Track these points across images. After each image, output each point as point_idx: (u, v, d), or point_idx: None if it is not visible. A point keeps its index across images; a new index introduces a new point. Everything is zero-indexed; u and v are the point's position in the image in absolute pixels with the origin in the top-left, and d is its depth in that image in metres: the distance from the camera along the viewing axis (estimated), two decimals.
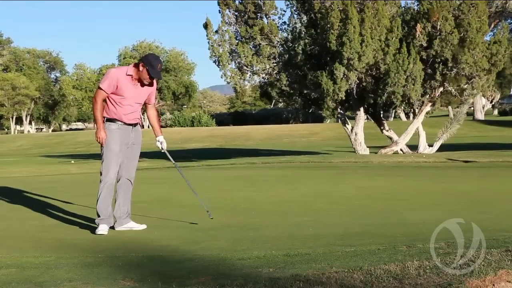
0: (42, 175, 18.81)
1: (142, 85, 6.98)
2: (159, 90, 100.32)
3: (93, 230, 6.95)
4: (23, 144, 63.47)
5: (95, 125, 7.32)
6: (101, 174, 6.99)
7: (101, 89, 6.87)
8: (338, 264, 4.34)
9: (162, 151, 7.49)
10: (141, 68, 6.84)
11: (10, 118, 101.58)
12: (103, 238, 6.57)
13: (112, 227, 7.01)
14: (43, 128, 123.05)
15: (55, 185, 14.44)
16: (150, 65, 6.83)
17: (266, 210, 8.48)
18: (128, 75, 6.89)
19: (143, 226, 7.10)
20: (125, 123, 7.03)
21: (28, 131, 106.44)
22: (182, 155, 32.62)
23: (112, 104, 6.92)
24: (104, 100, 6.96)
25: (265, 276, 4.13)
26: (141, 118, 7.46)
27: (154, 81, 7.11)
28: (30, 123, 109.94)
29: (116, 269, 4.77)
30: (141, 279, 4.34)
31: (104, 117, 6.97)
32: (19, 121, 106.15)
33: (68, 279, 4.49)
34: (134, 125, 7.17)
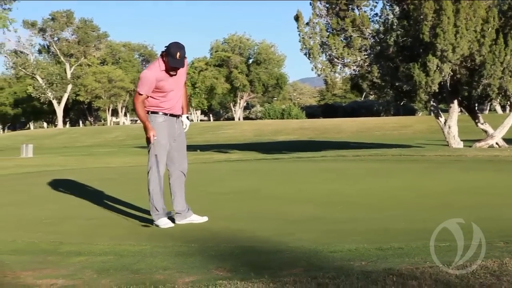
0: (136, 166, 19.29)
1: (174, 73, 6.85)
2: (250, 82, 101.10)
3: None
4: (118, 135, 65.35)
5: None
6: (150, 169, 6.93)
7: (141, 94, 6.78)
8: (432, 259, 4.26)
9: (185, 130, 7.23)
10: (165, 58, 6.76)
11: (107, 110, 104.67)
12: (195, 228, 6.64)
13: (172, 220, 6.98)
14: (137, 120, 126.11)
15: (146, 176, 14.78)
16: (170, 55, 6.70)
17: (356, 203, 8.40)
18: (162, 70, 6.78)
19: (205, 219, 7.01)
20: (171, 115, 6.95)
21: (123, 122, 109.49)
22: (272, 147, 32.81)
23: (157, 99, 6.85)
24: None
25: (357, 269, 4.11)
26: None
27: (185, 61, 6.93)
28: (125, 114, 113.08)
29: (208, 259, 4.85)
30: (233, 269, 4.39)
31: (147, 111, 6.88)
32: (115, 112, 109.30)
33: (163, 267, 4.61)
34: (178, 116, 7.05)
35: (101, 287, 4.16)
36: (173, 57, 6.68)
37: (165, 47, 6.81)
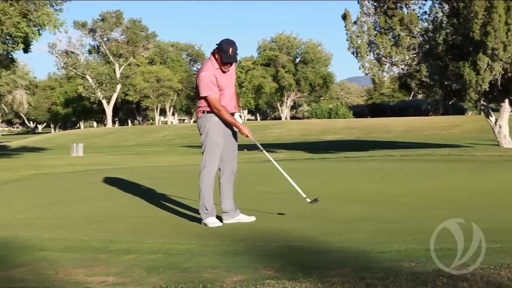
0: (184, 165, 19.46)
1: (227, 69, 6.85)
2: (297, 81, 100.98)
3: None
4: (166, 134, 65.94)
5: (197, 118, 7.10)
6: (203, 168, 6.93)
7: (211, 95, 6.75)
8: (483, 261, 4.20)
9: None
10: (217, 56, 6.77)
11: (155, 109, 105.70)
12: (242, 228, 6.65)
13: (219, 220, 6.97)
14: (185, 119, 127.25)
15: (195, 174, 14.91)
16: (222, 51, 6.68)
17: (404, 203, 8.33)
18: (216, 68, 6.78)
19: (252, 218, 7.01)
20: None
21: (171, 122, 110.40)
22: (319, 147, 32.73)
23: None
24: (204, 98, 6.82)
25: (406, 270, 4.08)
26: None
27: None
28: (173, 114, 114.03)
29: (256, 258, 4.86)
30: (281, 269, 4.40)
31: (203, 110, 6.90)
32: (163, 112, 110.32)
33: (211, 266, 4.64)
34: (232, 114, 7.01)
35: (150, 285, 4.21)
36: (225, 53, 6.69)
37: (216, 45, 6.81)
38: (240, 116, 7.24)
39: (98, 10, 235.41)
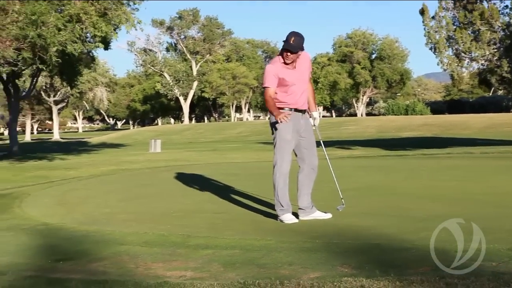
0: (260, 161, 19.55)
1: (297, 66, 6.82)
2: (373, 78, 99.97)
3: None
4: (242, 131, 66.37)
5: (269, 115, 7.16)
6: (275, 165, 6.94)
7: (268, 87, 6.80)
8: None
9: (314, 127, 7.16)
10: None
11: (231, 106, 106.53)
12: (319, 224, 6.63)
13: (296, 216, 6.95)
14: (260, 116, 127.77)
15: (271, 171, 14.96)
16: (285, 41, 6.66)
17: (484, 201, 8.13)
18: (282, 63, 6.77)
19: (329, 215, 6.98)
20: (296, 110, 6.91)
21: (247, 118, 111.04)
22: (395, 144, 32.31)
23: (280, 94, 6.85)
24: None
25: (487, 270, 3.99)
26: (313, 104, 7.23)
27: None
28: (248, 111, 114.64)
29: (333, 255, 4.84)
30: (359, 267, 4.37)
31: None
32: (238, 109, 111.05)
33: (288, 262, 4.66)
34: (303, 111, 6.99)
35: (227, 281, 4.25)
36: (286, 41, 6.66)
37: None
38: (318, 113, 7.21)
39: (175, 8, 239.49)
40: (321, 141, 7.26)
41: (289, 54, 6.71)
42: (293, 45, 6.65)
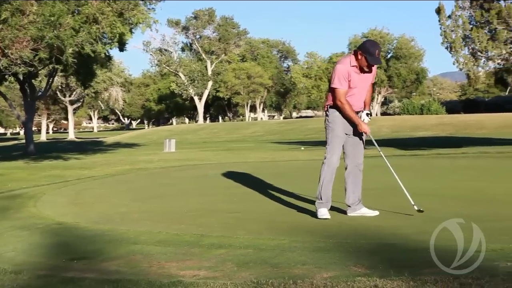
0: (274, 161, 19.54)
1: (364, 71, 6.99)
2: (389, 77, 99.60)
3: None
4: (256, 130, 66.34)
5: (324, 112, 7.37)
6: (324, 158, 7.13)
7: (339, 88, 6.93)
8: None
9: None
10: (359, 56, 6.88)
11: (245, 106, 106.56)
12: (332, 224, 6.63)
13: (344, 213, 7.16)
14: (274, 116, 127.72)
15: (285, 170, 14.97)
16: (368, 53, 6.83)
17: (500, 201, 8.08)
18: (353, 66, 6.93)
19: (376, 213, 7.15)
20: None
21: (261, 118, 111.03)
22: (411, 143, 32.18)
23: None
24: (331, 90, 7.06)
25: (502, 270, 3.96)
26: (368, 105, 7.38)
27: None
28: (263, 110, 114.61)
29: (347, 255, 4.83)
30: (372, 266, 4.36)
31: (327, 105, 7.16)
32: (253, 108, 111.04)
33: (301, 262, 4.65)
34: (357, 112, 7.14)
35: (241, 280, 4.25)
36: (371, 55, 6.86)
37: (360, 45, 7.00)
38: (368, 114, 7.33)
39: (191, 8, 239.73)
40: (372, 139, 7.54)
41: (374, 65, 6.98)
42: (379, 59, 6.91)
